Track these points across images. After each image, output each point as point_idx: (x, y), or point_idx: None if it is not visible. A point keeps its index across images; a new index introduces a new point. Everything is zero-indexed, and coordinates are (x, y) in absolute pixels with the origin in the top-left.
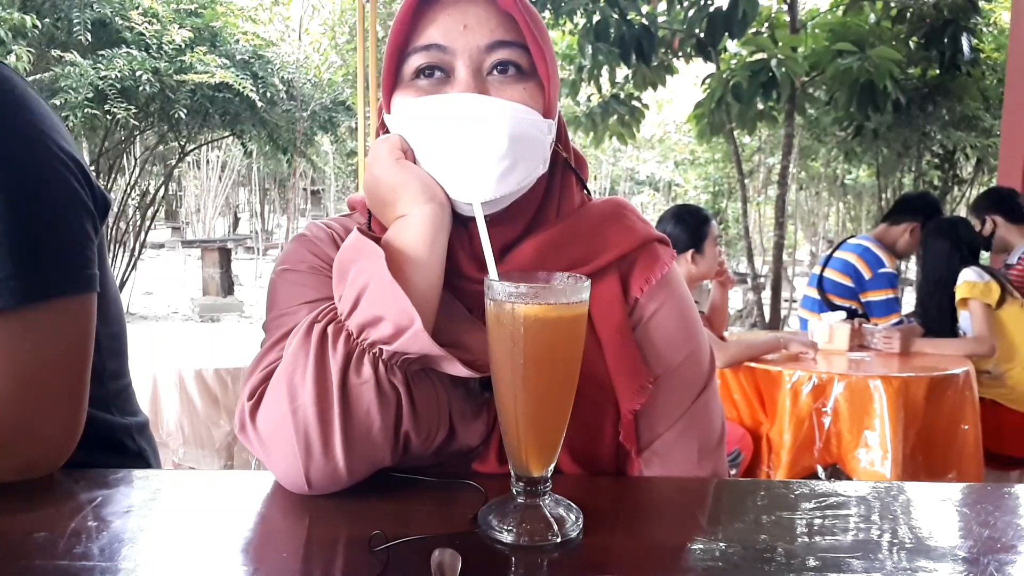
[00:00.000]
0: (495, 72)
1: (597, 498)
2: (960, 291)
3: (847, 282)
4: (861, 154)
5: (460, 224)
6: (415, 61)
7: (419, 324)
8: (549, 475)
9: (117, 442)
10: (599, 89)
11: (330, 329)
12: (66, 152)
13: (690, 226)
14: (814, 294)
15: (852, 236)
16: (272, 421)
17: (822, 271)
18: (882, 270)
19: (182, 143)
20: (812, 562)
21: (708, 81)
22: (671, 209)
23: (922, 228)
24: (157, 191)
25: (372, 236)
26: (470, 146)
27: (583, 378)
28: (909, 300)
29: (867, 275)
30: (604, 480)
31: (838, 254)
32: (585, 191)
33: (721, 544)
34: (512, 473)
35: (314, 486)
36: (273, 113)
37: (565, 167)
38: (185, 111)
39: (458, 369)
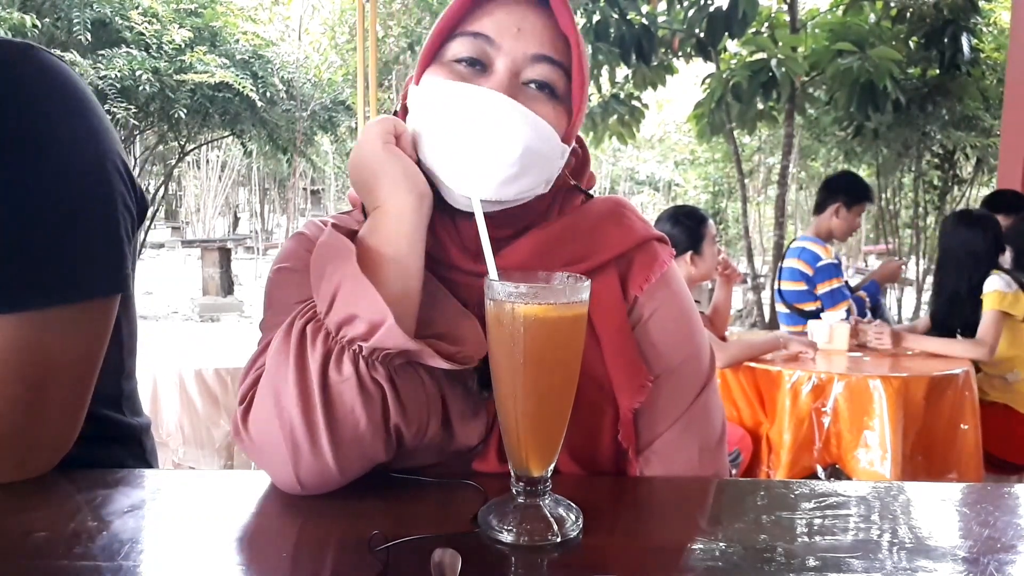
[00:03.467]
0: (531, 86)
1: (597, 498)
2: (989, 300)
3: (801, 287)
4: (861, 154)
5: (451, 215)
6: (459, 46)
7: (391, 320)
8: (549, 475)
9: (127, 442)
10: (599, 89)
11: (309, 328)
12: (116, 153)
13: (687, 227)
14: (784, 308)
15: (793, 240)
16: (260, 424)
17: (779, 285)
18: (820, 263)
19: (182, 143)
20: (812, 562)
21: (708, 81)
22: (667, 211)
23: (846, 206)
24: (157, 191)
25: (351, 232)
26: (485, 142)
27: (582, 377)
28: (910, 299)
29: (810, 273)
30: (604, 480)
31: (785, 263)
32: (587, 195)
33: (721, 544)
34: (512, 473)
35: (307, 486)
36: (273, 113)
37: (570, 190)
38: (185, 111)
39: (438, 362)
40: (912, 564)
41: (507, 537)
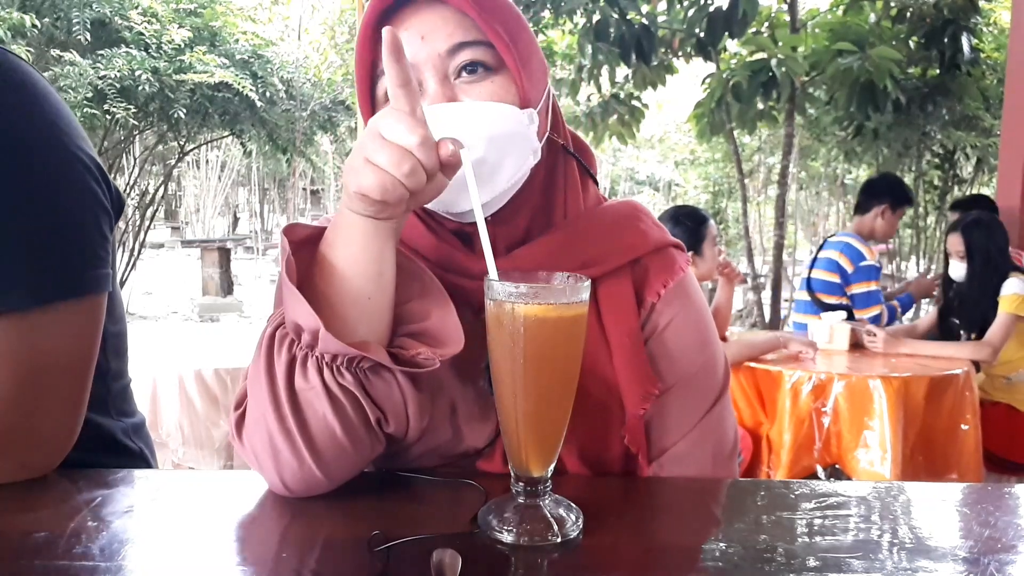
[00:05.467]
0: (463, 74)
1: (598, 498)
2: (1008, 302)
3: (834, 279)
4: (861, 154)
5: (459, 223)
6: (385, 83)
7: (323, 329)
8: (549, 475)
9: (116, 444)
10: (599, 89)
11: (277, 335)
12: (83, 151)
13: (688, 228)
14: (805, 296)
15: (833, 235)
16: (248, 431)
17: (810, 273)
18: (863, 263)
19: (181, 143)
20: (812, 562)
21: (708, 81)
22: (668, 211)
23: (891, 208)
24: (157, 191)
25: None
26: None
27: (591, 380)
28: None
29: (849, 269)
30: (605, 480)
31: (822, 254)
32: (597, 186)
33: (721, 544)
34: (512, 473)
35: (295, 491)
36: (273, 113)
37: (565, 154)
38: (184, 111)
39: (391, 364)
40: (912, 564)
41: (507, 537)
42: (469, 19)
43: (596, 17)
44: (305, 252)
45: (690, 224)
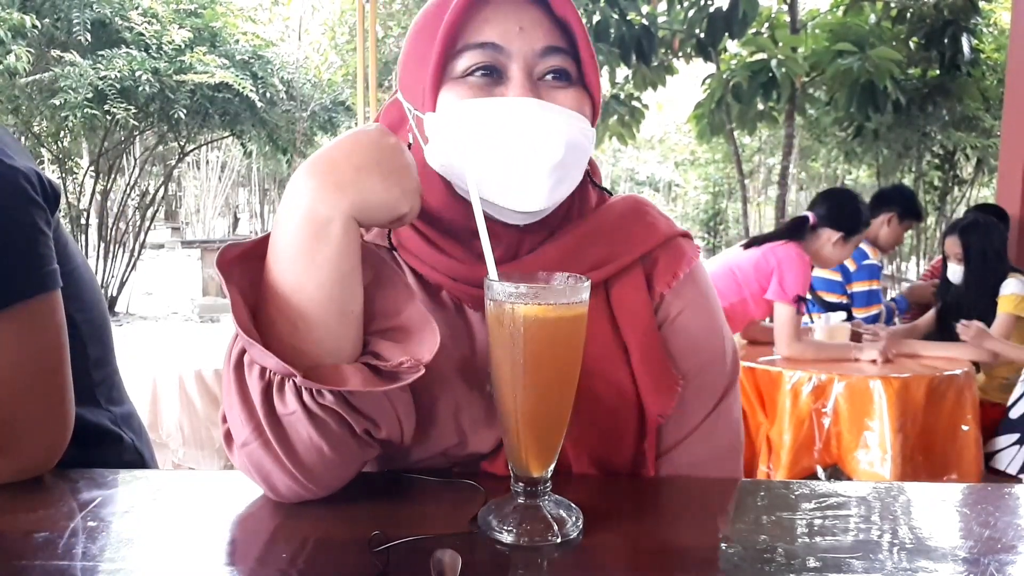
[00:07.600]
0: (547, 77)
1: (598, 498)
2: (1007, 303)
3: (836, 277)
4: (861, 154)
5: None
6: (468, 59)
7: (299, 377)
8: (549, 475)
9: (106, 433)
10: None
11: (245, 359)
12: (4, 153)
13: (858, 215)
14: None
15: None
16: (235, 451)
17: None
18: (866, 262)
19: (182, 143)
20: (812, 563)
21: (708, 81)
22: (847, 191)
23: (899, 218)
24: (157, 191)
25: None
26: (527, 153)
27: (604, 384)
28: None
29: (852, 268)
30: (604, 480)
31: None
32: (603, 191)
33: (721, 544)
34: (512, 473)
35: (292, 500)
36: (273, 113)
37: (583, 183)
38: (185, 111)
39: (363, 386)
40: (912, 565)
41: (507, 537)
42: (562, 27)
43: (596, 17)
44: (247, 269)
45: (863, 212)
